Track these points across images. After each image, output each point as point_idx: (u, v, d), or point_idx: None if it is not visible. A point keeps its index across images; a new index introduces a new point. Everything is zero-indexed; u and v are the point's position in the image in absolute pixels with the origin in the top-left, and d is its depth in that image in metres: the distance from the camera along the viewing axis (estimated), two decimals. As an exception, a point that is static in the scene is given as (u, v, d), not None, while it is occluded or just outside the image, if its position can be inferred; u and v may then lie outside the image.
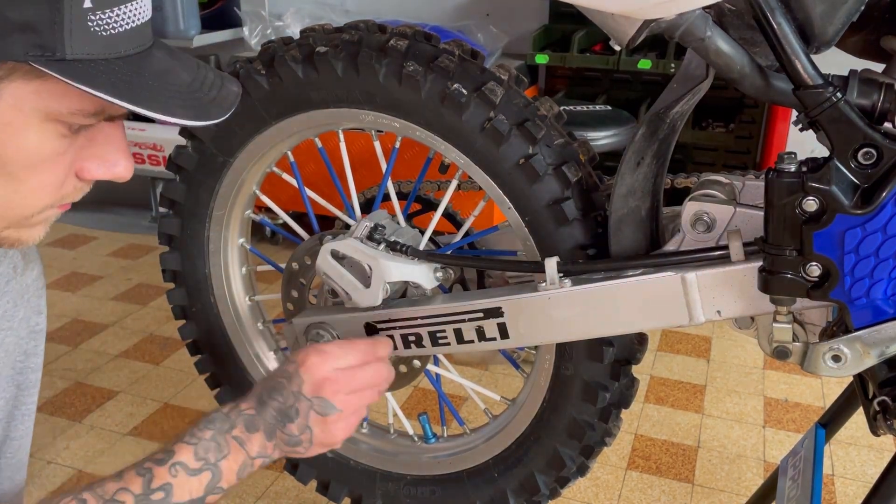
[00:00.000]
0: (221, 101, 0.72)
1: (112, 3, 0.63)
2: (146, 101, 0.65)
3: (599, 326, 0.98)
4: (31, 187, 0.69)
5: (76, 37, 0.61)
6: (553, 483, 1.18)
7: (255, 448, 0.88)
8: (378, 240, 1.08)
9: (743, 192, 0.94)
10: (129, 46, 0.66)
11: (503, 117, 1.01)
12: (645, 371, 2.04)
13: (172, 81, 0.69)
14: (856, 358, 0.83)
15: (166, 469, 0.82)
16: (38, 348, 0.98)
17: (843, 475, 1.66)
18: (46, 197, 0.71)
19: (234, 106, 0.74)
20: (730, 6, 0.83)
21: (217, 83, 0.74)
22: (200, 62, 0.76)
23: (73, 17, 0.60)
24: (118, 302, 2.44)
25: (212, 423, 0.87)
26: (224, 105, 0.72)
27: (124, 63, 0.65)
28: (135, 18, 0.66)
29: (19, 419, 0.97)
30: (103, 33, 0.63)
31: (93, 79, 0.62)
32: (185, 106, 0.68)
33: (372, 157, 1.20)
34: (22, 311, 0.94)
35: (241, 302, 1.35)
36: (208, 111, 0.70)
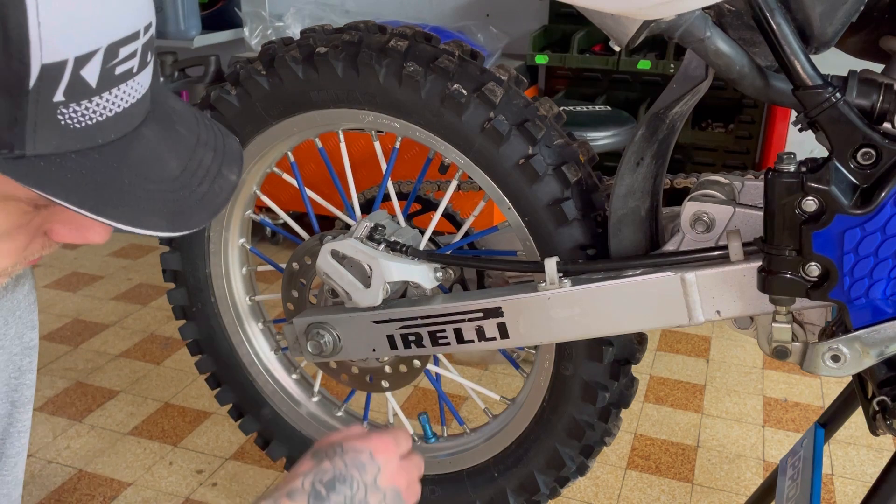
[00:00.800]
0: (209, 202, 0.62)
1: (90, 93, 0.53)
2: (113, 209, 0.55)
3: (599, 326, 0.98)
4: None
5: (41, 133, 0.52)
6: (553, 482, 1.18)
7: None
8: (378, 240, 1.08)
9: (742, 192, 0.94)
10: (111, 133, 0.57)
11: (503, 117, 1.01)
12: (644, 371, 2.05)
13: (155, 176, 0.59)
14: (855, 358, 0.83)
15: None
16: (32, 364, 0.96)
17: (842, 475, 1.66)
18: (6, 261, 0.63)
19: (226, 203, 0.64)
20: (729, 6, 0.83)
21: (213, 170, 0.64)
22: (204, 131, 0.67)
23: (39, 112, 0.51)
24: (119, 302, 2.44)
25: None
26: (210, 206, 0.62)
27: (99, 154, 0.56)
28: (121, 102, 0.56)
29: (15, 436, 0.96)
30: (77, 126, 0.54)
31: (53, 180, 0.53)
32: (160, 212, 0.59)
33: (372, 157, 1.20)
34: (14, 328, 0.93)
35: (241, 302, 1.35)
36: (188, 217, 0.60)
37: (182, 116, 0.66)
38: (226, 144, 0.68)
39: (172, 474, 1.64)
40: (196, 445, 1.74)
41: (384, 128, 1.10)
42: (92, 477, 1.63)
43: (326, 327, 1.12)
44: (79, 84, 0.52)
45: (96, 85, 0.53)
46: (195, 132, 0.66)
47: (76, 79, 0.52)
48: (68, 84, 0.52)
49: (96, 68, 0.53)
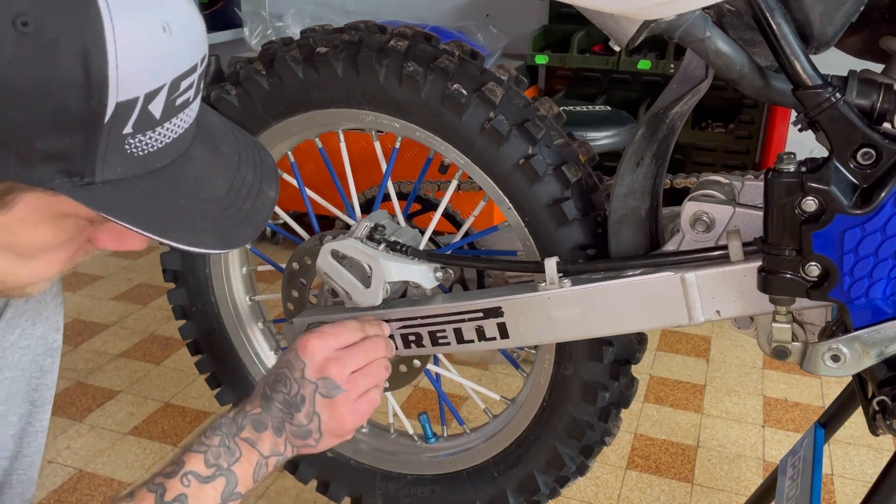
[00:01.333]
0: (253, 218, 0.67)
1: (155, 124, 0.58)
2: (173, 231, 0.60)
3: (599, 326, 0.98)
4: (41, 262, 0.66)
5: (110, 161, 0.56)
6: (553, 482, 1.18)
7: (266, 447, 0.86)
8: (378, 240, 1.08)
9: (742, 192, 0.94)
10: (167, 157, 0.61)
11: (503, 117, 1.01)
12: (644, 371, 2.05)
13: (206, 195, 0.64)
14: (855, 358, 0.83)
15: (178, 480, 0.80)
16: (54, 365, 0.98)
17: (842, 475, 1.66)
18: (57, 268, 0.68)
19: (268, 219, 0.69)
20: (729, 6, 0.83)
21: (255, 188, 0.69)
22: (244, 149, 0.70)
23: (109, 144, 0.56)
24: (119, 302, 2.44)
25: (219, 429, 0.85)
26: (255, 222, 0.67)
27: (158, 178, 0.60)
28: (178, 129, 0.61)
29: (32, 436, 0.97)
30: (141, 153, 0.58)
31: (119, 204, 0.58)
32: (213, 230, 0.64)
33: (372, 157, 1.20)
34: (40, 329, 0.95)
35: (241, 302, 1.35)
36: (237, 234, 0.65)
37: (222, 134, 0.70)
38: (263, 161, 0.73)
39: (172, 474, 1.64)
40: (196, 445, 1.74)
41: (384, 128, 1.10)
42: (92, 477, 1.63)
43: (326, 327, 1.12)
44: (146, 117, 0.57)
45: (160, 117, 0.58)
46: (236, 151, 0.70)
47: (144, 113, 0.56)
48: (137, 118, 0.56)
49: (161, 102, 0.57)
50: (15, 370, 0.92)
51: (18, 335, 0.92)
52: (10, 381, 0.92)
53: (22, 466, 0.96)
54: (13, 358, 0.92)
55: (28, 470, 0.97)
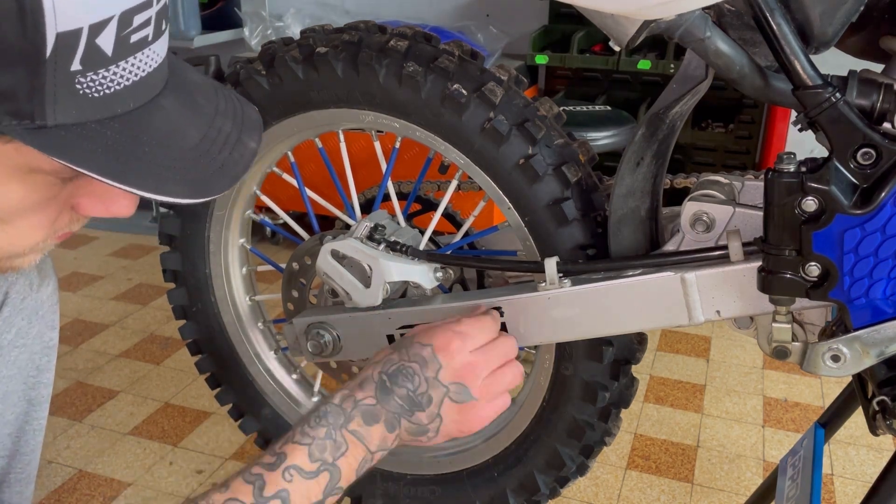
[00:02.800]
0: (229, 168, 0.63)
1: (107, 62, 0.54)
2: (135, 177, 0.56)
3: (599, 326, 0.98)
4: (18, 228, 0.63)
5: (61, 102, 0.53)
6: (553, 482, 1.18)
7: (375, 442, 0.81)
8: (378, 240, 1.08)
9: (742, 192, 0.94)
10: (130, 102, 0.57)
11: (503, 117, 1.01)
12: (644, 371, 2.05)
13: (175, 144, 0.60)
14: (855, 358, 0.83)
15: (279, 474, 0.75)
16: (51, 363, 0.98)
17: (842, 475, 1.66)
18: (37, 235, 0.64)
19: (247, 170, 0.65)
20: (729, 6, 0.83)
21: (232, 138, 0.65)
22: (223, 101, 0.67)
23: (57, 81, 0.52)
24: (119, 302, 2.44)
25: (324, 418, 0.79)
26: (231, 172, 0.63)
27: (120, 124, 0.56)
28: (138, 71, 0.57)
29: (30, 434, 0.97)
30: (95, 95, 0.54)
31: (75, 149, 0.54)
32: (182, 180, 0.59)
33: (372, 157, 1.20)
34: (36, 328, 0.94)
35: (241, 302, 1.35)
36: (209, 184, 0.61)
37: (200, 87, 0.67)
38: (244, 113, 0.69)
39: (172, 474, 1.64)
40: (196, 445, 1.74)
41: (384, 128, 1.10)
42: (92, 477, 1.63)
43: (326, 327, 1.12)
44: (95, 52, 0.53)
45: (112, 53, 0.54)
46: (213, 102, 0.66)
47: (92, 47, 0.52)
48: (84, 53, 0.52)
49: (111, 36, 0.53)
50: (12, 369, 0.92)
51: (15, 334, 0.91)
52: (6, 379, 0.92)
53: (20, 465, 0.96)
54: (10, 356, 0.92)
55: (26, 468, 0.97)
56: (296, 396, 1.38)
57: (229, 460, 1.68)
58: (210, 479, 1.63)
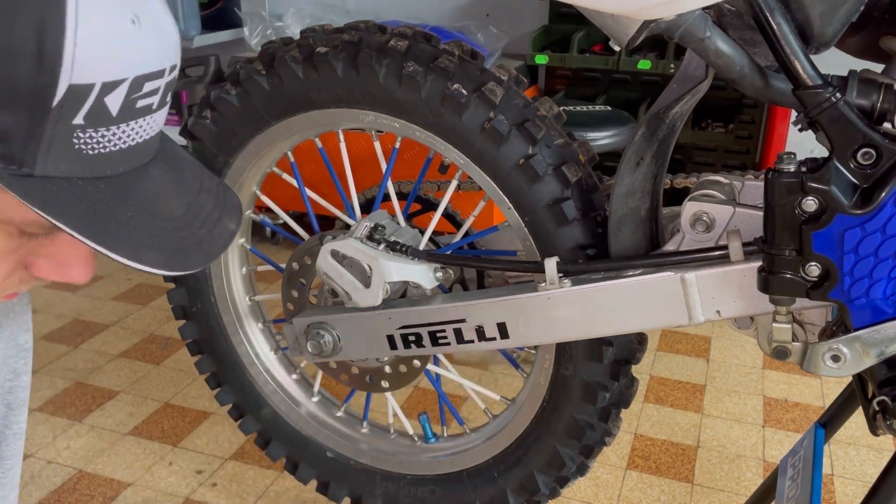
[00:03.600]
0: (209, 245, 0.62)
1: (110, 122, 0.53)
2: (114, 240, 0.55)
3: (599, 326, 0.98)
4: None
5: (54, 154, 0.52)
6: (553, 483, 1.18)
7: None
8: (378, 240, 1.08)
9: (742, 192, 0.94)
10: (120, 165, 0.56)
11: (503, 117, 1.01)
12: (644, 371, 2.05)
13: (158, 213, 0.59)
14: (855, 358, 0.83)
15: None
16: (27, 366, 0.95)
17: (842, 475, 1.66)
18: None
19: (224, 250, 0.64)
20: (729, 6, 0.83)
21: (214, 216, 0.64)
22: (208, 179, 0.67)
23: (56, 132, 0.51)
24: (119, 302, 2.44)
25: None
26: (211, 250, 0.62)
27: (107, 185, 0.55)
28: (136, 137, 0.56)
29: (11, 439, 0.96)
30: (90, 152, 0.53)
31: (57, 203, 0.52)
32: (160, 249, 0.58)
33: (372, 157, 1.20)
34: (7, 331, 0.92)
35: (241, 302, 1.35)
36: (187, 258, 0.60)
37: (187, 163, 0.66)
38: (226, 195, 0.69)
39: (172, 474, 1.64)
40: (196, 445, 1.74)
41: (384, 128, 1.10)
42: (92, 477, 1.63)
43: (326, 327, 1.12)
44: (101, 110, 0.52)
45: (116, 114, 0.54)
46: (199, 179, 0.66)
47: (99, 104, 0.52)
48: (90, 108, 0.52)
49: (120, 98, 0.53)
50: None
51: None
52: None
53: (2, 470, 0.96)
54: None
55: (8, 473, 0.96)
56: (296, 396, 1.38)
57: (229, 460, 1.68)
58: (210, 479, 1.63)
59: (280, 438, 1.39)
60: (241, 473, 1.64)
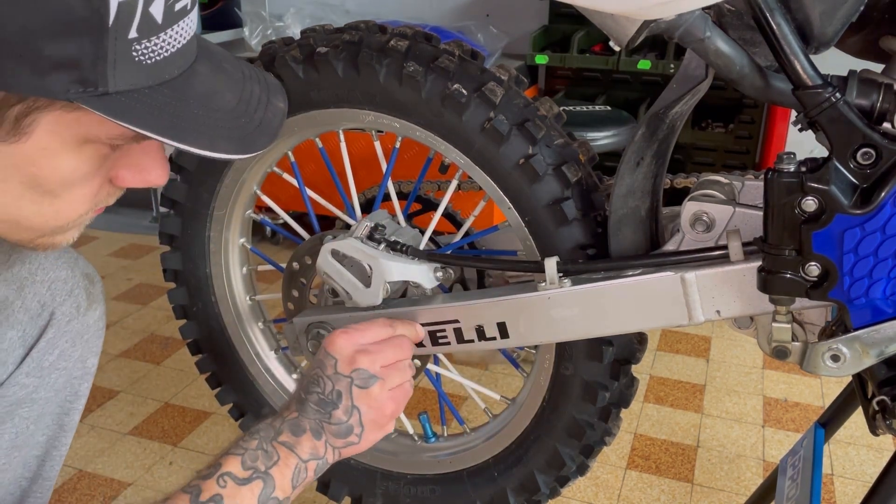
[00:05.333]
0: (266, 126, 0.68)
1: (157, 30, 0.59)
2: (191, 136, 0.61)
3: (599, 326, 0.98)
4: (66, 201, 0.66)
5: (120, 69, 0.57)
6: (553, 482, 1.18)
7: (305, 451, 0.84)
8: (378, 240, 1.08)
9: (742, 192, 0.94)
10: (174, 69, 0.62)
11: (503, 117, 1.01)
12: (644, 371, 2.05)
13: (217, 106, 0.65)
14: (855, 358, 0.83)
15: (214, 481, 0.78)
16: (86, 390, 0.97)
17: (842, 475, 1.66)
18: (81, 207, 0.68)
19: (280, 128, 0.70)
20: (729, 6, 0.83)
21: (263, 99, 0.70)
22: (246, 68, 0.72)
23: (117, 49, 0.56)
24: (119, 301, 2.44)
25: (257, 433, 0.84)
26: (269, 130, 0.68)
27: (169, 89, 0.61)
28: (181, 38, 0.61)
29: (56, 459, 0.97)
30: (148, 62, 0.59)
31: (136, 113, 0.58)
32: (229, 137, 0.64)
33: (372, 157, 1.20)
34: (79, 351, 0.94)
35: (241, 301, 1.35)
36: (253, 141, 0.66)
37: (223, 55, 0.71)
38: (267, 78, 0.74)
39: (172, 474, 1.64)
40: (196, 445, 1.74)
41: (384, 127, 1.10)
42: (92, 477, 1.63)
43: (327, 327, 1.12)
44: (148, 20, 0.58)
45: (161, 21, 0.59)
46: (239, 68, 0.71)
47: (146, 15, 0.57)
48: (140, 21, 0.57)
49: (161, 5, 0.58)
50: (50, 391, 0.92)
51: (58, 356, 0.91)
52: (43, 401, 0.92)
53: (40, 490, 0.96)
54: (50, 379, 0.91)
55: (45, 494, 0.97)
56: (296, 396, 1.38)
57: (229, 460, 1.68)
58: (210, 478, 1.63)
59: (280, 438, 1.39)
60: (241, 473, 1.64)
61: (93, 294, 0.95)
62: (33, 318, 0.89)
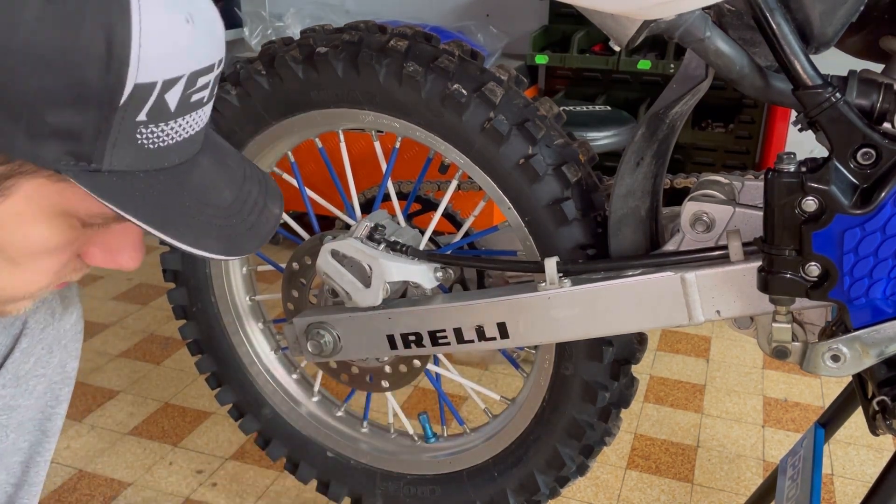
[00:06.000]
0: (258, 230, 0.66)
1: (168, 117, 0.57)
2: (176, 229, 0.58)
3: (599, 326, 0.98)
4: (28, 271, 0.63)
5: (119, 149, 0.55)
6: (553, 482, 1.18)
7: None
8: (378, 240, 1.08)
9: (742, 192, 0.94)
10: (176, 157, 0.60)
11: (503, 117, 1.01)
12: (644, 371, 2.05)
13: (212, 202, 0.63)
14: (855, 358, 0.83)
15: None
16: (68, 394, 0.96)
17: (842, 475, 1.66)
18: (42, 281, 0.65)
19: (273, 233, 0.68)
20: (729, 6, 0.83)
21: (260, 203, 0.68)
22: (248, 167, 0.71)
23: (122, 129, 0.54)
24: (119, 301, 2.44)
25: None
26: (260, 234, 0.66)
27: (165, 177, 0.59)
28: (190, 129, 0.60)
29: (41, 465, 0.96)
30: (151, 146, 0.57)
31: (123, 196, 0.56)
32: (218, 237, 0.62)
33: (372, 157, 1.20)
34: (57, 357, 0.93)
35: (241, 302, 1.35)
36: (242, 244, 0.64)
37: (229, 151, 0.70)
38: (267, 182, 0.73)
39: (172, 474, 1.64)
40: (196, 445, 1.74)
41: (384, 128, 1.10)
42: (92, 477, 1.63)
43: (326, 327, 1.12)
44: (161, 106, 0.56)
45: (175, 109, 0.57)
46: (241, 166, 0.70)
47: (160, 101, 0.55)
48: (153, 105, 0.55)
49: (178, 93, 0.56)
50: (29, 398, 0.91)
51: (34, 363, 0.91)
52: (24, 408, 0.91)
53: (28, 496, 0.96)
54: (28, 385, 0.91)
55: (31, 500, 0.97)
56: (296, 396, 1.38)
57: (229, 460, 1.68)
58: (210, 478, 1.63)
59: (280, 438, 1.39)
60: (241, 473, 1.64)
61: (68, 297, 0.94)
62: (6, 327, 0.88)
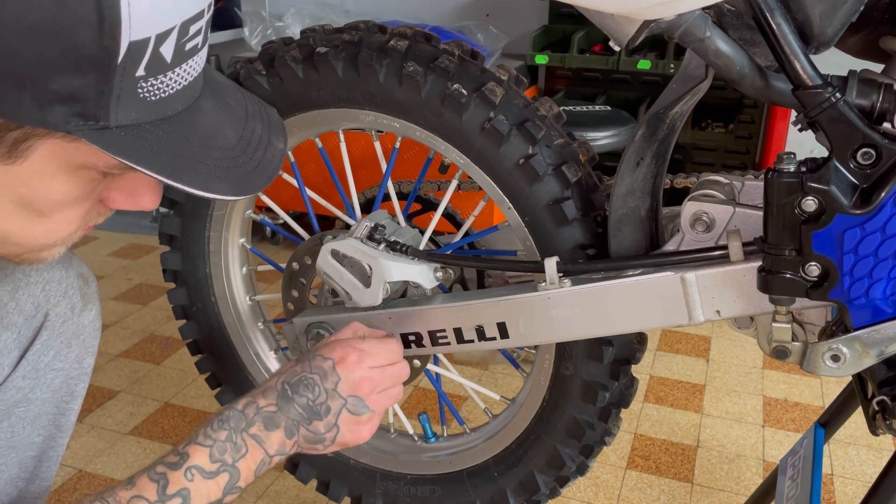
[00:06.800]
0: (264, 167, 0.68)
1: (166, 68, 0.59)
2: (187, 176, 0.61)
3: (599, 326, 0.98)
4: (56, 220, 0.66)
5: (123, 105, 0.57)
6: (553, 482, 1.18)
7: (274, 446, 0.85)
8: (378, 240, 1.08)
9: (742, 192, 0.94)
10: (178, 105, 0.62)
11: (503, 117, 1.01)
12: (644, 371, 2.05)
13: (217, 144, 0.65)
14: (855, 358, 0.83)
15: (181, 473, 0.78)
16: (83, 390, 0.97)
17: (842, 475, 1.66)
18: (70, 227, 0.68)
19: (279, 170, 0.70)
20: (729, 6, 0.83)
21: (264, 139, 0.70)
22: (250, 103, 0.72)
23: (123, 86, 0.56)
24: (119, 301, 2.44)
25: (227, 422, 0.84)
26: (266, 171, 0.68)
27: (170, 125, 0.61)
28: (188, 76, 0.62)
29: (54, 460, 0.97)
30: (153, 98, 0.59)
31: (134, 149, 0.58)
32: (226, 177, 0.64)
33: (372, 157, 1.20)
34: (75, 352, 0.94)
35: (241, 302, 1.35)
36: (250, 182, 0.66)
37: (229, 89, 0.72)
38: (269, 115, 0.74)
39: (172, 474, 1.64)
40: (196, 445, 1.74)
41: (384, 128, 1.10)
42: (92, 477, 1.63)
43: (326, 327, 1.12)
44: (157, 59, 0.58)
45: (171, 60, 0.59)
46: (243, 104, 0.71)
47: (156, 55, 0.57)
48: (149, 60, 0.57)
49: (172, 45, 0.58)
50: (46, 392, 0.92)
51: (53, 356, 0.91)
52: (40, 402, 0.92)
53: (36, 491, 0.96)
54: (46, 379, 0.91)
55: (42, 496, 0.97)
56: (296, 396, 1.38)
57: (229, 460, 1.68)
58: (210, 478, 1.63)
59: (280, 438, 1.39)
60: (241, 473, 1.64)
61: (87, 294, 0.95)
62: (28, 319, 0.89)
